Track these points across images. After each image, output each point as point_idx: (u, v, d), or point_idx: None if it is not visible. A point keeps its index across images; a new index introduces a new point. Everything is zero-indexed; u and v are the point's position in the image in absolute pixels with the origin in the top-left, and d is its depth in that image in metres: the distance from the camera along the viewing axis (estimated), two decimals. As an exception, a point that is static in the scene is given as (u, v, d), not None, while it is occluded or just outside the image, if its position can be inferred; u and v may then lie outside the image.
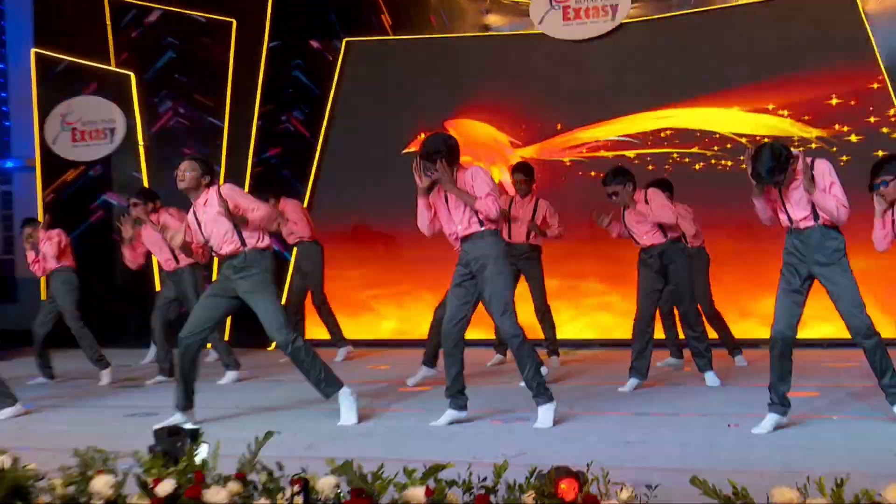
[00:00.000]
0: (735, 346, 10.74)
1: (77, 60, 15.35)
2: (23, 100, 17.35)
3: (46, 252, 10.96)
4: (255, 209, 7.77)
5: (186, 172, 7.94)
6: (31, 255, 11.11)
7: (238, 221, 7.74)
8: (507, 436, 7.01)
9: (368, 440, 6.98)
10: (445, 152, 7.34)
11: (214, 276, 12.47)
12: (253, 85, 14.34)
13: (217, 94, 14.54)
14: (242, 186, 12.62)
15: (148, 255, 10.87)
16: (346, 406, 7.69)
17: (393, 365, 11.63)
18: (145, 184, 14.61)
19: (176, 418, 7.62)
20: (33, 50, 15.63)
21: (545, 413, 7.30)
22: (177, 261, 10.34)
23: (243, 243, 7.77)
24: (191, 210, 8.01)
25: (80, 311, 10.98)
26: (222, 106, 14.53)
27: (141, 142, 15.03)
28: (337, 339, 12.21)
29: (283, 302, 11.27)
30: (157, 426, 5.04)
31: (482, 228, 7.40)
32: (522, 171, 10.78)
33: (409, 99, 14.03)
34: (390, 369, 11.27)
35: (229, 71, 14.48)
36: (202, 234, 7.91)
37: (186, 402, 7.86)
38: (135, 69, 15.15)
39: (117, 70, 15.20)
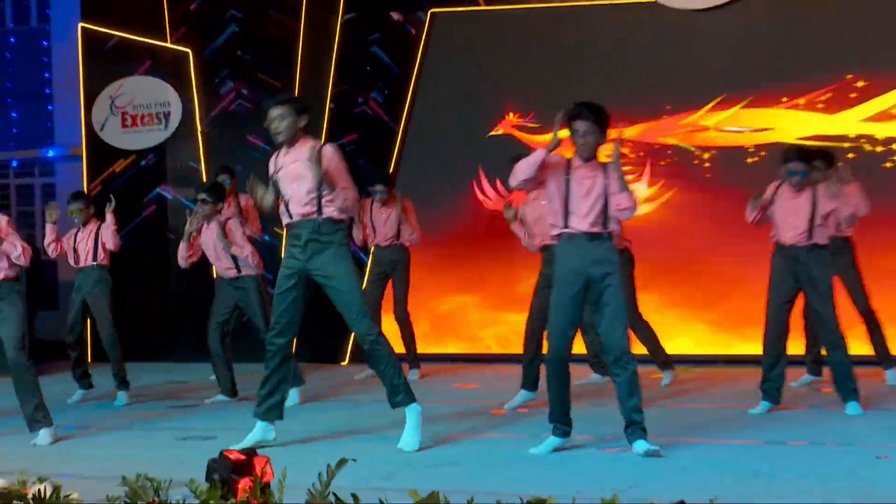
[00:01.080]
0: (887, 357, 10.62)
1: (128, 36, 15.52)
2: (68, 81, 17.64)
3: (107, 240, 11.05)
4: (350, 188, 7.74)
5: (282, 122, 7.78)
6: (53, 233, 11.14)
7: (327, 186, 7.64)
8: (615, 466, 6.94)
9: (455, 469, 6.94)
10: (605, 123, 7.31)
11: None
12: (326, 63, 14.39)
13: (285, 73, 14.60)
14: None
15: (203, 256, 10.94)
16: (413, 425, 7.66)
17: (482, 383, 11.58)
18: (203, 175, 14.74)
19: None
20: (80, 24, 15.84)
21: None
22: (238, 269, 10.45)
23: (320, 211, 7.75)
24: (273, 158, 7.94)
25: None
26: (291, 86, 14.57)
27: (199, 127, 15.17)
28: (412, 357, 12.17)
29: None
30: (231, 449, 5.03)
31: (610, 230, 7.38)
32: None
33: (502, 77, 13.99)
34: (479, 388, 11.23)
35: (299, 47, 14.54)
36: (280, 188, 7.86)
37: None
38: (193, 46, 15.29)
39: (173, 47, 15.35)
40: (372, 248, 12.34)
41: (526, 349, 9.75)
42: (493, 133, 13.92)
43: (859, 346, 10.32)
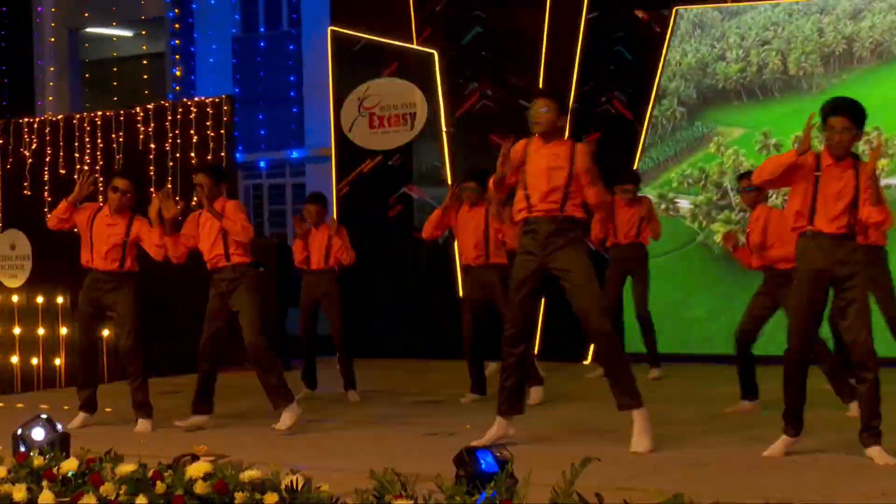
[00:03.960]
0: None
1: (376, 38, 15.86)
2: (317, 84, 18.13)
3: (346, 244, 11.29)
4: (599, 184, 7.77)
5: (545, 114, 7.78)
6: (304, 235, 11.37)
7: (585, 184, 7.67)
8: (867, 472, 6.74)
9: (699, 472, 6.88)
10: (862, 121, 7.18)
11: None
12: (569, 62, 14.39)
13: (529, 72, 14.66)
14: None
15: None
16: (643, 429, 7.62)
17: (728, 382, 11.40)
18: (448, 175, 14.92)
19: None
20: (330, 28, 16.27)
21: None
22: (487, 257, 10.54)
23: (563, 208, 7.76)
24: (523, 143, 7.94)
25: None
26: (535, 86, 14.63)
27: (444, 128, 15.37)
28: (652, 357, 12.08)
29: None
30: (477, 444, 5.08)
31: (855, 230, 7.27)
32: None
33: (752, 76, 13.76)
34: (723, 389, 11.05)
35: (543, 46, 14.58)
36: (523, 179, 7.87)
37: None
38: (438, 47, 15.51)
39: (419, 48, 15.60)
40: (610, 246, 12.27)
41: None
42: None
43: None
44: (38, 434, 6.38)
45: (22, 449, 6.29)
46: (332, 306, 11.25)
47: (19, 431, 6.46)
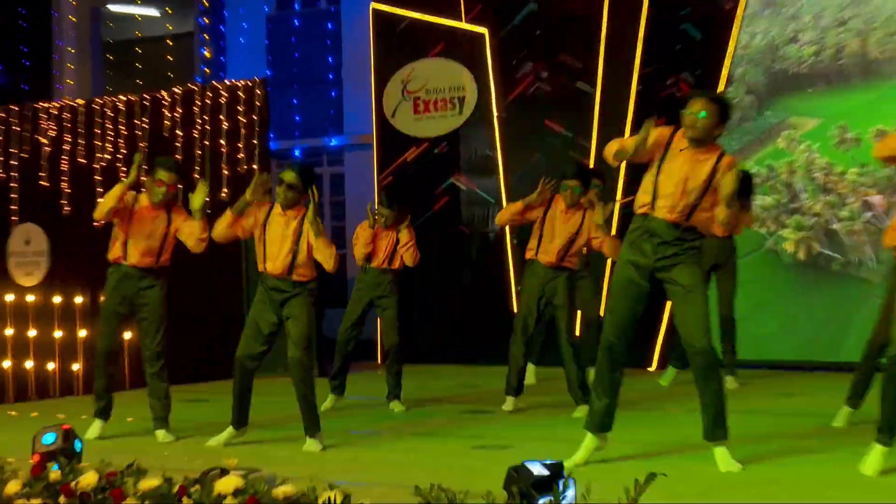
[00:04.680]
0: None
1: (421, 17, 15.86)
2: (357, 66, 18.13)
3: (413, 242, 11.28)
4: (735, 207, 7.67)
5: (702, 119, 7.52)
6: (371, 235, 11.27)
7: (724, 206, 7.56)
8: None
9: (774, 489, 6.81)
10: None
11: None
12: (631, 41, 14.34)
13: (587, 53, 14.64)
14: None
15: None
16: (724, 455, 7.52)
17: (806, 394, 11.31)
18: (500, 165, 14.90)
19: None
20: (372, 5, 16.28)
21: None
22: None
23: (689, 218, 7.61)
24: (670, 134, 7.85)
25: None
26: (594, 68, 14.60)
27: (495, 113, 15.34)
28: (729, 362, 11.96)
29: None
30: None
31: None
32: None
33: (828, 60, 13.62)
34: (801, 399, 10.97)
35: (602, 24, 14.55)
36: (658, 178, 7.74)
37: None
38: (489, 25, 15.49)
39: (468, 27, 15.58)
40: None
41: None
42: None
43: None
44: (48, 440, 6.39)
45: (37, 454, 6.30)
46: (391, 309, 11.24)
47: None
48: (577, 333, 11.03)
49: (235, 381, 9.05)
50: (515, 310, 11.07)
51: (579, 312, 11.86)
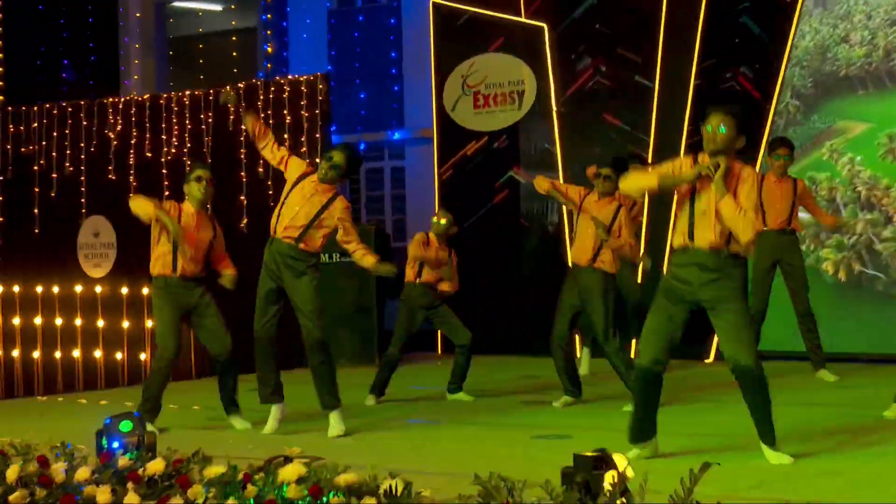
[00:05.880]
0: None
1: (481, 11, 15.86)
2: (418, 60, 18.19)
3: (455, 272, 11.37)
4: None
5: (722, 132, 7.53)
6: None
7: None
8: None
9: (832, 481, 6.79)
10: None
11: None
12: (690, 35, 14.26)
13: (646, 47, 14.59)
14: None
15: None
16: (775, 454, 7.45)
17: (875, 386, 11.23)
18: (559, 158, 14.92)
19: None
20: (432, 1, 16.30)
21: None
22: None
23: (728, 242, 7.51)
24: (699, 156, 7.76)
25: None
26: (652, 62, 14.55)
27: (554, 107, 15.33)
28: (820, 357, 11.78)
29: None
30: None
31: None
32: None
33: (879, 62, 13.48)
34: (866, 392, 10.90)
35: (661, 18, 14.48)
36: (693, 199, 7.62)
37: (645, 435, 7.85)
38: (548, 20, 15.46)
39: (527, 21, 15.57)
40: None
41: None
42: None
43: None
44: (125, 428, 6.44)
45: (106, 445, 6.35)
46: (448, 315, 11.24)
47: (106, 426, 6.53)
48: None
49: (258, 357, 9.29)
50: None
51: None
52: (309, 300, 9.02)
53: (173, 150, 14.72)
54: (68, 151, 15.61)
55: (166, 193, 13.63)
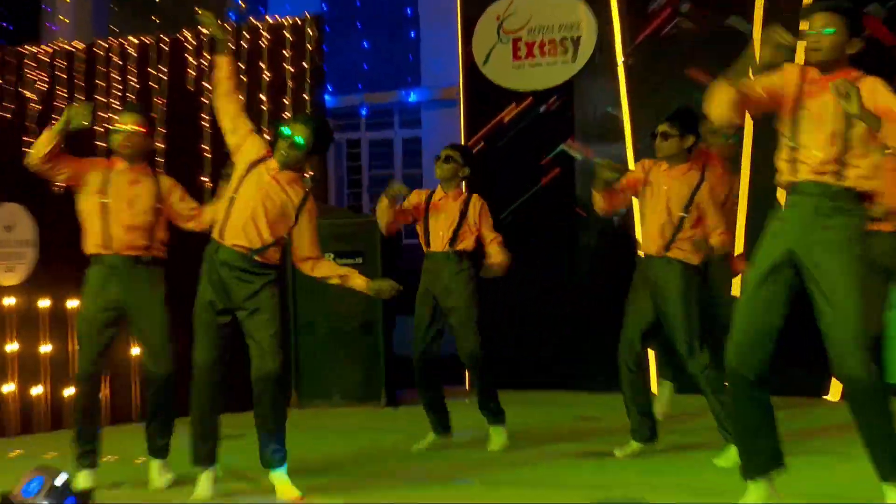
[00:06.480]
0: None
1: (521, -66, 15.83)
2: (438, 1, 18.12)
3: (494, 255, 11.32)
4: None
5: (827, 34, 7.49)
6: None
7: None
8: None
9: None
10: None
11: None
12: (801, -38, 14.21)
13: (742, -22, 14.54)
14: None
15: None
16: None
17: None
18: (626, 124, 14.81)
19: None
20: (457, -77, 16.28)
21: None
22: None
23: (841, 174, 7.51)
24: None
25: None
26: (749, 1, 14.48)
27: (620, 58, 15.24)
28: None
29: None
30: None
31: None
32: None
33: None
34: None
35: (762, -59, 14.45)
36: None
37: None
38: (610, -55, 15.44)
39: (586, -54, 15.54)
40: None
41: None
42: None
43: None
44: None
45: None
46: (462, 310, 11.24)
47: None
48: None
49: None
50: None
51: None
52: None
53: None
54: (-32, 117, 15.50)
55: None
